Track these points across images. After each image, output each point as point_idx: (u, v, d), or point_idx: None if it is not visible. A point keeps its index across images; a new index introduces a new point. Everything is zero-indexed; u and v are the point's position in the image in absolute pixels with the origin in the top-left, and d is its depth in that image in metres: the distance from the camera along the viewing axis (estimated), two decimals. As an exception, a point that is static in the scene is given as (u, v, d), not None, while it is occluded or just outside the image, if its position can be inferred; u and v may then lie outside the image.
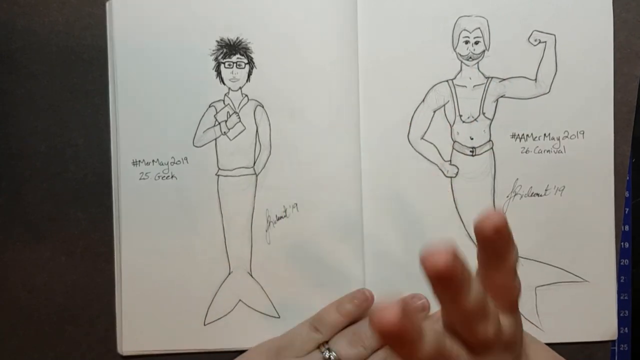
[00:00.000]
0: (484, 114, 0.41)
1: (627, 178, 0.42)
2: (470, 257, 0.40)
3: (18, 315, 0.41)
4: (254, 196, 0.41)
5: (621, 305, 0.42)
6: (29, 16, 0.40)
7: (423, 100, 0.41)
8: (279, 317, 0.41)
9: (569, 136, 0.41)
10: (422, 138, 0.41)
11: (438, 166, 0.41)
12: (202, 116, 0.40)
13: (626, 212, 0.42)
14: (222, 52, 0.40)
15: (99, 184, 0.41)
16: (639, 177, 0.43)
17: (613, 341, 0.42)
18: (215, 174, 0.41)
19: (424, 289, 0.29)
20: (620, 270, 0.42)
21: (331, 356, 0.37)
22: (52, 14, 0.40)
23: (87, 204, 0.41)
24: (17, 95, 0.41)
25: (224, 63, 0.40)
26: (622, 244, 0.42)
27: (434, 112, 0.41)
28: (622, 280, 0.42)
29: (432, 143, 0.41)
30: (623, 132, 0.41)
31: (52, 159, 0.41)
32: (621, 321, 0.42)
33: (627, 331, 0.43)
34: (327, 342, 0.38)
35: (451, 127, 0.41)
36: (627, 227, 0.43)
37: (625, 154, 0.41)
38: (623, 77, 0.41)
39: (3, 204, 0.41)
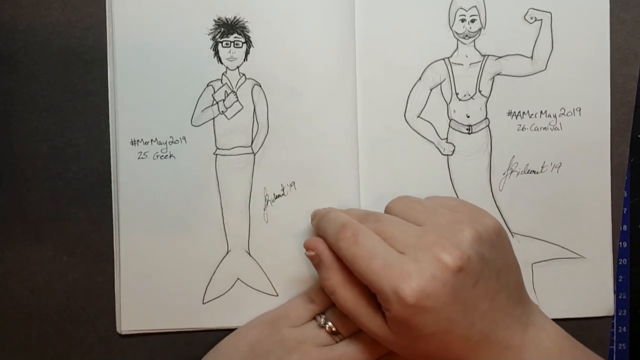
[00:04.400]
0: (480, 91, 0.41)
1: (626, 178, 0.42)
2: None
3: (18, 315, 0.41)
4: (252, 175, 0.41)
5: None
6: (30, 17, 0.40)
7: (420, 78, 0.41)
8: (277, 295, 0.41)
9: (565, 113, 0.41)
10: (418, 116, 0.41)
11: (435, 144, 0.41)
12: (200, 95, 0.41)
13: (624, 212, 0.42)
14: (219, 32, 0.40)
15: (100, 184, 0.41)
16: (637, 177, 0.43)
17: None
18: (213, 153, 0.41)
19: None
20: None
21: (327, 324, 0.37)
22: (54, 14, 0.40)
23: (88, 204, 0.41)
24: (18, 96, 0.41)
25: (221, 42, 0.41)
26: (622, 226, 0.42)
27: (431, 90, 0.41)
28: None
29: (428, 121, 0.41)
30: (622, 132, 0.41)
31: (53, 159, 0.41)
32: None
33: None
34: (323, 312, 0.38)
35: (448, 105, 0.41)
36: (625, 227, 0.43)
37: (624, 154, 0.41)
38: (622, 77, 0.41)
39: (4, 203, 0.41)
